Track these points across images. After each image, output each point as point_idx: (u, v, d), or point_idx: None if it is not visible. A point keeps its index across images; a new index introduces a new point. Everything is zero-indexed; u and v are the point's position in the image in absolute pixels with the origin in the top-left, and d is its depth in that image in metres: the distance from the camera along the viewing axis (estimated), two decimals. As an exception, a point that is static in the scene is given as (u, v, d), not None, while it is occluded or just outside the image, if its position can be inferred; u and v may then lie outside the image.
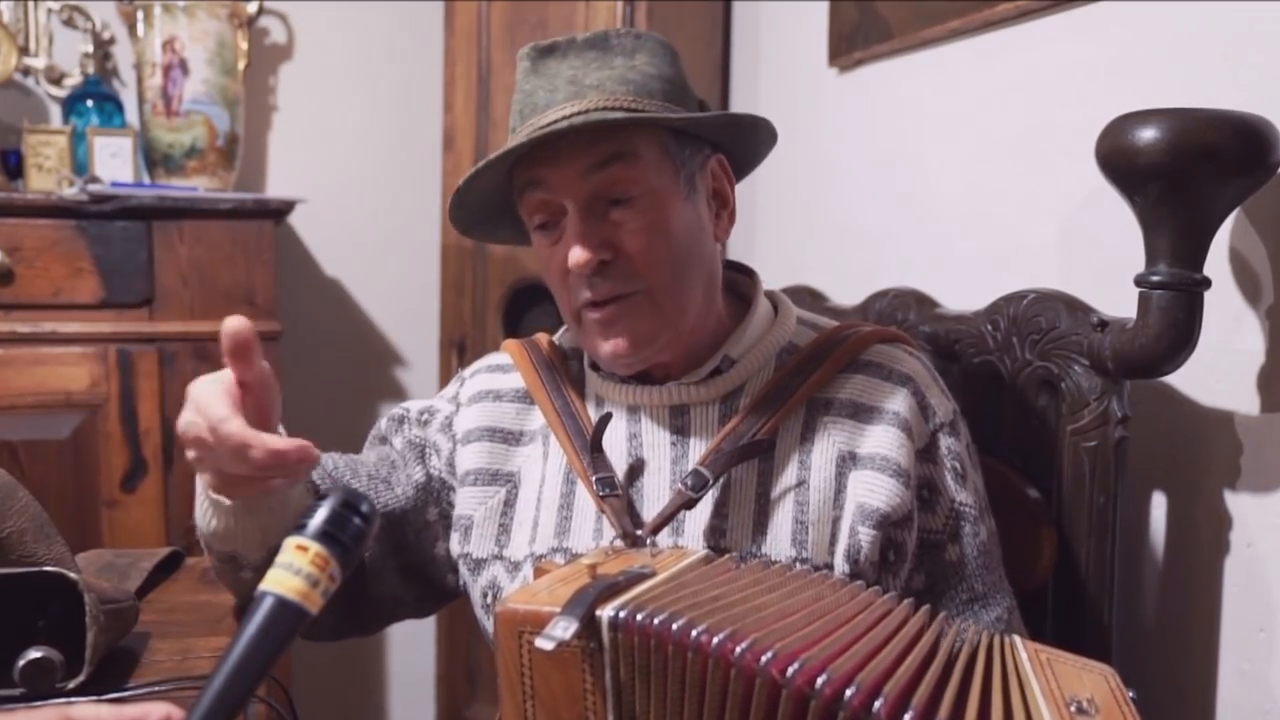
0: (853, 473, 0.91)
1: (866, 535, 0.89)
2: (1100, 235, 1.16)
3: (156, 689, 0.87)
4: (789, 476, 0.92)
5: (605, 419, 0.95)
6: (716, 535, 0.91)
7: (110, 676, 0.89)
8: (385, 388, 2.37)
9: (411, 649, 2.35)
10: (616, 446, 0.96)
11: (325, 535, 0.58)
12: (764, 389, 0.94)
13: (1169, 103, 0.94)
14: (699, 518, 0.91)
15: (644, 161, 0.90)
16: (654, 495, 0.94)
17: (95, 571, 1.13)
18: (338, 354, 2.32)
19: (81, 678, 0.84)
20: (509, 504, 0.99)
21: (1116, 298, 1.04)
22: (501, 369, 1.06)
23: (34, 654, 0.83)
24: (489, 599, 0.98)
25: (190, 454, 0.80)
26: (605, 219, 0.90)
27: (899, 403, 0.93)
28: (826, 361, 0.95)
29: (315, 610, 0.57)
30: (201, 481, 0.87)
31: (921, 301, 1.27)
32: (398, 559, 1.03)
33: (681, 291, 0.92)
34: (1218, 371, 1.03)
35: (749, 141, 0.99)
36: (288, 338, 2.01)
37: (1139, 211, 0.96)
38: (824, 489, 0.91)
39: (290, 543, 0.58)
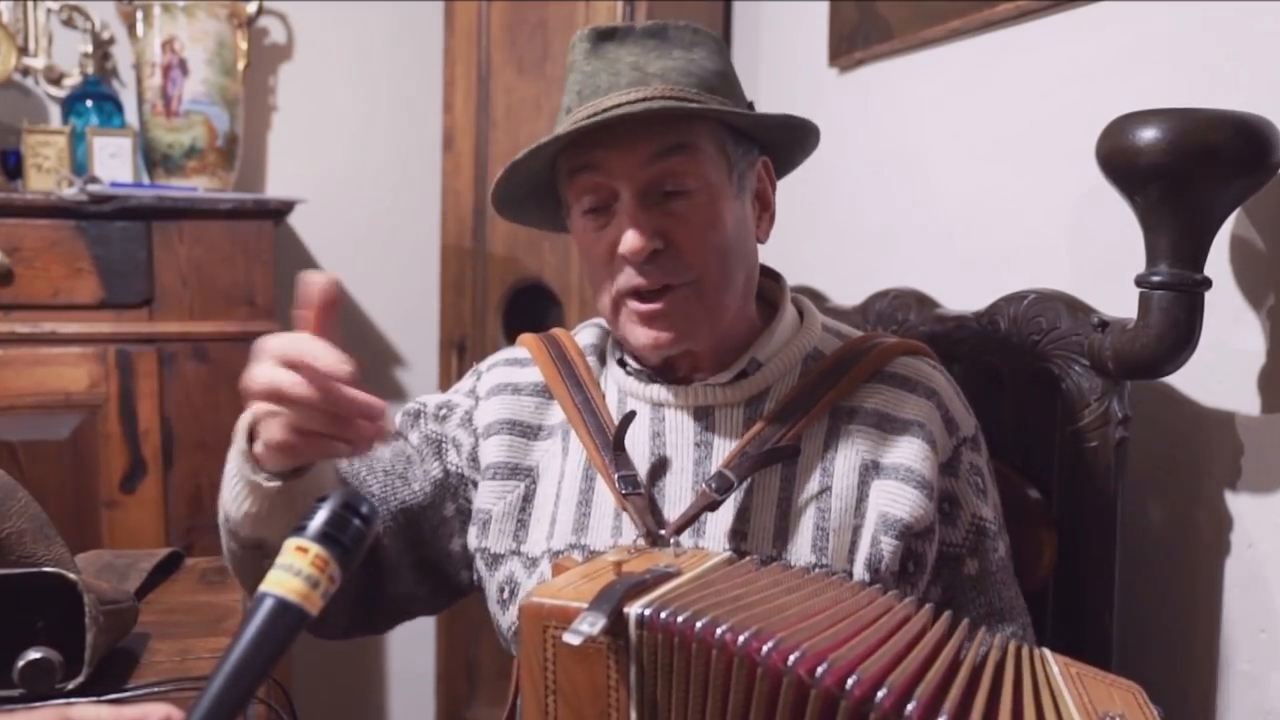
0: (875, 482, 0.91)
1: (889, 545, 0.89)
2: (1100, 235, 1.15)
3: (156, 689, 0.87)
4: (812, 483, 0.92)
5: (629, 417, 0.94)
6: (738, 538, 0.91)
7: (110, 677, 0.89)
8: (385, 388, 2.37)
9: (411, 648, 2.34)
10: (639, 445, 0.96)
11: (325, 537, 0.58)
12: (789, 394, 0.94)
13: (1169, 103, 0.94)
14: (721, 520, 0.91)
15: (703, 155, 0.91)
16: (675, 495, 0.93)
17: (95, 572, 1.13)
18: (337, 354, 2.32)
19: (81, 678, 0.84)
20: (527, 499, 0.99)
21: (1117, 298, 1.04)
22: (519, 363, 1.06)
23: (33, 654, 0.83)
24: (505, 594, 0.98)
25: (268, 408, 0.75)
26: (659, 208, 0.90)
27: (924, 415, 0.93)
28: (851, 371, 0.95)
29: (315, 611, 0.57)
30: (240, 463, 0.83)
31: (922, 301, 1.27)
32: (413, 555, 1.02)
33: (727, 288, 0.93)
34: (1218, 371, 1.03)
35: (797, 146, 1.00)
36: (287, 338, 2.01)
37: (1139, 212, 0.96)
38: (846, 497, 0.91)
39: (290, 544, 0.58)
